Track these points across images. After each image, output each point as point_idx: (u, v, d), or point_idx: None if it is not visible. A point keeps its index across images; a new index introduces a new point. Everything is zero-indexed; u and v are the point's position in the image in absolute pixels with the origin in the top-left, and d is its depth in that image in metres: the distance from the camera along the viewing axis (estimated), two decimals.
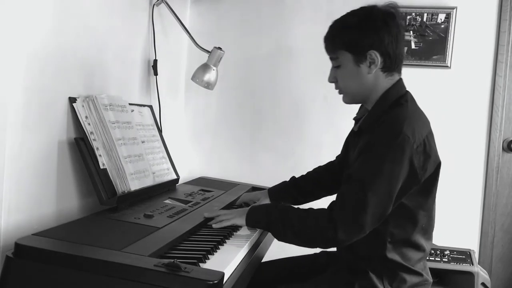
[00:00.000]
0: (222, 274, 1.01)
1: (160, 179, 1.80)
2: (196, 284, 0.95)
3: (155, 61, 2.09)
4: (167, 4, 2.06)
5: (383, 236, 1.32)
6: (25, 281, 1.03)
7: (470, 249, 2.21)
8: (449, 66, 2.35)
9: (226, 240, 1.36)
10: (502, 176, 2.41)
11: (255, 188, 2.22)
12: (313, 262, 1.62)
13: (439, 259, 2.12)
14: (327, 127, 2.47)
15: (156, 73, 2.10)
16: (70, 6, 1.48)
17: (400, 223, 1.33)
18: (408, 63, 2.39)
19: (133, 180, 1.58)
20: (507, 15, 2.32)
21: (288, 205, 1.42)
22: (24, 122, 1.30)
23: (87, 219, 1.39)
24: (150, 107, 1.97)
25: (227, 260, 1.18)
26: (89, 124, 1.50)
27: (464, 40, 2.35)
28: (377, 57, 1.33)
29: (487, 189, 2.39)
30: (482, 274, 2.08)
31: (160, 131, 1.99)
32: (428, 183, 1.33)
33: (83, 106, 1.50)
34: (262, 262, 1.57)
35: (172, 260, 0.99)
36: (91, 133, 1.49)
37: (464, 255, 2.16)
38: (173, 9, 2.08)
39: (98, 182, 1.46)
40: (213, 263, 1.15)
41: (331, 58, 1.43)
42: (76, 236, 1.20)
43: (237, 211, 1.46)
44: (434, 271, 2.06)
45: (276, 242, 1.66)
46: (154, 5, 2.06)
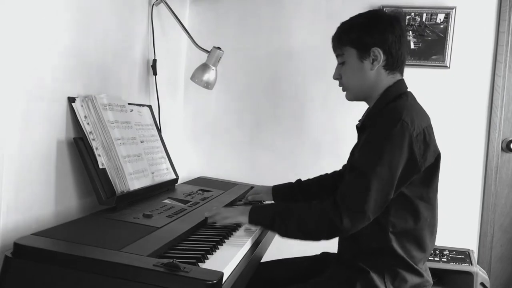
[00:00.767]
0: (221, 274, 1.01)
1: (159, 179, 1.80)
2: (195, 284, 0.95)
3: (154, 61, 2.09)
4: (166, 4, 2.06)
5: (385, 226, 1.34)
6: (24, 281, 1.03)
7: (469, 249, 2.21)
8: (448, 66, 2.36)
9: (225, 240, 1.36)
10: (501, 176, 2.41)
11: None
12: (313, 263, 1.62)
13: (438, 259, 2.13)
14: (327, 127, 2.47)
15: (155, 73, 2.10)
16: (70, 6, 1.48)
17: (401, 214, 1.35)
18: (407, 63, 2.35)
19: (132, 180, 1.58)
20: (506, 16, 2.32)
21: (290, 203, 1.44)
22: (23, 122, 1.30)
23: (86, 219, 1.39)
24: (149, 107, 1.97)
25: (226, 260, 1.18)
26: (88, 124, 1.50)
27: (463, 40, 2.35)
28: (380, 54, 1.40)
29: (486, 189, 2.39)
30: (481, 274, 2.08)
31: (159, 131, 1.99)
32: (428, 173, 1.35)
33: (82, 106, 1.50)
34: (261, 262, 1.57)
35: (171, 260, 0.99)
36: (90, 133, 1.49)
37: (463, 255, 2.16)
38: (172, 9, 2.07)
39: (97, 182, 1.46)
40: (212, 263, 1.15)
41: (337, 56, 1.50)
42: (75, 236, 1.20)
43: (239, 209, 1.48)
44: (433, 271, 2.06)
45: (275, 243, 1.67)
46: (153, 5, 2.06)
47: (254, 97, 2.55)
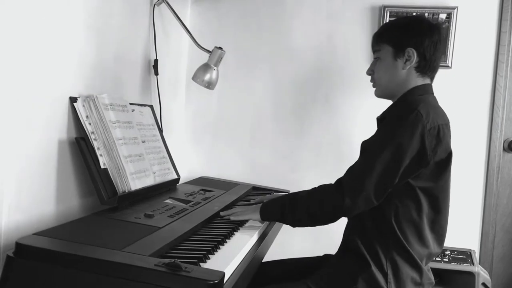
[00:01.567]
0: (223, 274, 1.01)
1: (161, 179, 1.80)
2: (197, 284, 0.95)
3: (156, 61, 2.09)
4: (168, 4, 2.06)
5: (388, 214, 1.37)
6: (26, 281, 1.03)
7: (471, 249, 2.21)
8: (450, 66, 2.35)
9: (227, 240, 1.36)
10: (503, 176, 2.41)
11: (256, 188, 2.23)
12: (315, 263, 1.62)
13: (440, 259, 2.12)
14: (328, 128, 2.47)
15: (157, 73, 2.10)
16: (71, 6, 1.48)
17: (405, 204, 1.37)
18: None
19: (134, 180, 1.58)
20: (508, 15, 2.32)
21: (295, 192, 1.51)
22: (25, 122, 1.30)
23: (88, 219, 1.39)
24: (151, 107, 1.97)
25: (228, 260, 1.18)
26: (90, 124, 1.50)
27: (465, 40, 2.34)
28: (414, 55, 1.45)
29: (488, 189, 2.38)
30: (483, 274, 2.08)
31: (161, 131, 1.99)
32: (437, 169, 1.37)
33: (84, 106, 1.50)
34: (263, 262, 1.57)
35: (173, 260, 0.99)
36: (92, 133, 1.49)
37: (465, 255, 2.16)
38: (174, 9, 2.08)
39: (99, 182, 1.46)
40: (214, 263, 1.15)
41: (374, 51, 1.56)
42: (77, 236, 1.20)
43: (251, 208, 1.55)
44: (435, 271, 2.05)
45: (277, 242, 1.67)
46: (155, 5, 2.06)
47: (255, 97, 2.55)
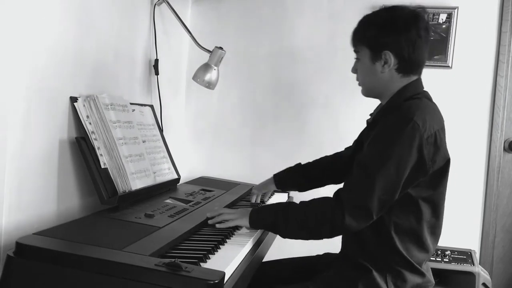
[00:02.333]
0: (223, 274, 1.00)
1: (161, 179, 1.80)
2: (197, 284, 0.95)
3: (156, 61, 2.09)
4: (168, 4, 2.06)
5: (388, 225, 1.33)
6: (26, 280, 1.03)
7: (471, 249, 2.21)
8: (450, 66, 2.35)
9: (227, 240, 1.36)
10: (503, 177, 2.41)
11: None
12: (315, 263, 1.62)
13: (440, 259, 2.12)
14: (329, 127, 2.47)
15: (157, 73, 2.10)
16: (72, 6, 1.48)
17: (404, 214, 1.33)
18: None
19: (134, 180, 1.58)
20: (509, 16, 2.31)
21: (290, 201, 1.44)
22: (25, 122, 1.30)
23: (88, 219, 1.39)
24: (151, 107, 1.97)
25: (228, 260, 1.18)
26: (90, 124, 1.50)
27: (466, 40, 2.34)
28: (391, 58, 1.36)
29: (488, 189, 2.38)
30: (483, 275, 2.08)
31: (161, 131, 1.99)
32: (436, 177, 1.33)
33: (84, 106, 1.50)
34: (263, 262, 1.57)
35: (173, 260, 0.99)
36: (92, 133, 1.49)
37: (465, 255, 2.16)
38: (174, 9, 2.08)
39: (99, 182, 1.46)
40: (214, 263, 1.15)
41: (354, 51, 1.46)
42: (77, 236, 1.20)
43: (240, 212, 1.46)
44: (435, 271, 2.05)
45: (277, 242, 1.67)
46: (155, 5, 2.06)
47: (256, 97, 2.55)
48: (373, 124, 1.44)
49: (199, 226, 1.43)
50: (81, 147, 1.47)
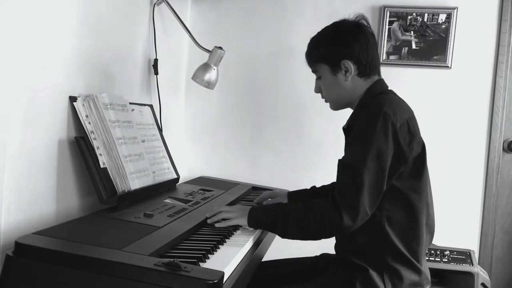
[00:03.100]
0: (222, 274, 1.01)
1: (160, 178, 1.80)
2: (196, 284, 0.95)
3: (156, 61, 2.09)
4: (168, 4, 2.06)
5: (380, 221, 1.35)
6: (25, 280, 1.03)
7: (470, 250, 2.21)
8: (450, 67, 2.35)
9: (226, 240, 1.36)
10: (502, 177, 2.41)
11: (255, 188, 2.23)
12: (313, 263, 1.62)
13: (439, 259, 2.12)
14: (328, 127, 2.47)
15: (157, 73, 2.10)
16: (72, 6, 1.48)
17: (395, 207, 1.36)
18: (409, 63, 2.39)
19: (133, 179, 1.58)
20: (508, 16, 2.32)
21: (288, 203, 1.44)
22: (25, 121, 1.30)
23: (87, 218, 1.39)
24: (151, 107, 1.97)
25: (227, 260, 1.18)
26: (90, 123, 1.50)
27: (465, 41, 2.35)
28: (350, 66, 1.44)
29: (487, 190, 2.39)
30: (482, 275, 2.08)
31: (161, 130, 1.99)
32: (416, 164, 1.37)
33: (84, 105, 1.50)
34: (262, 262, 1.57)
35: (172, 260, 0.99)
36: (92, 132, 1.49)
37: (464, 256, 2.16)
38: (174, 9, 2.07)
39: (98, 181, 1.46)
40: (213, 263, 1.15)
41: (313, 71, 1.56)
42: (76, 235, 1.20)
43: (239, 210, 1.47)
44: (434, 271, 2.06)
45: (276, 242, 1.67)
46: (155, 5, 2.06)
47: (255, 97, 2.55)
48: (349, 130, 1.47)
49: (199, 226, 1.43)
50: (81, 147, 1.47)
